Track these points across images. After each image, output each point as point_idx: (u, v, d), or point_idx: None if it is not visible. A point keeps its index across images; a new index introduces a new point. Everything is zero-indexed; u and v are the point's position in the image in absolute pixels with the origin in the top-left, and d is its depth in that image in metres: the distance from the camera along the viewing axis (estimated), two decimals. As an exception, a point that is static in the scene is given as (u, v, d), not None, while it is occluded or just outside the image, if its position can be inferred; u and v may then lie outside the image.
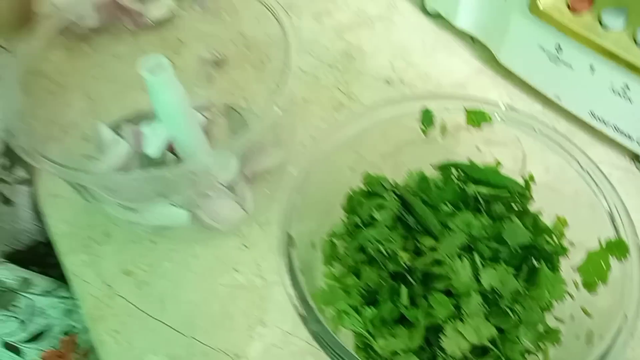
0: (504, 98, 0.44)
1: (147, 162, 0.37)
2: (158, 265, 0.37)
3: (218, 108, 0.45)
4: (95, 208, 0.40)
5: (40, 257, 0.46)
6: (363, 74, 0.46)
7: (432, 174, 0.36)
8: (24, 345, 0.46)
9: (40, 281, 0.41)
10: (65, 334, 0.48)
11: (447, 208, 0.33)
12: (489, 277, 0.29)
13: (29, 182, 0.42)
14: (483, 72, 0.46)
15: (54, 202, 0.40)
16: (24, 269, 0.40)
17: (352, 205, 0.35)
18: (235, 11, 0.46)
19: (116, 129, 0.41)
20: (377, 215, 0.33)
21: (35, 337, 0.46)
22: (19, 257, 0.43)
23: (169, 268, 0.37)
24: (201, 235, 0.38)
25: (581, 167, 0.30)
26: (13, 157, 0.41)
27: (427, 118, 0.33)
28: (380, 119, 0.33)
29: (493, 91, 0.45)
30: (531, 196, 0.33)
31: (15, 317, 0.43)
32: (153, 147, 0.34)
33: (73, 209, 0.40)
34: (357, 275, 0.31)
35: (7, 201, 0.41)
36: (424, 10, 0.50)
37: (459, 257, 0.29)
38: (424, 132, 0.34)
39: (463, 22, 0.45)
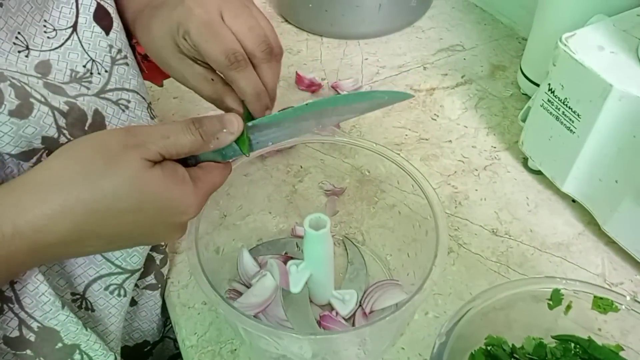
0: (606, 264, 0.47)
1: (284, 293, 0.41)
2: (280, 391, 0.39)
3: (336, 239, 0.50)
4: (224, 323, 0.44)
5: (143, 355, 0.50)
6: (470, 221, 0.50)
7: (550, 342, 0.38)
8: None
9: None
10: None
11: None
12: None
13: (154, 287, 0.46)
14: (585, 234, 0.49)
15: (186, 312, 0.44)
16: None
17: (473, 364, 0.37)
18: (354, 148, 0.52)
19: (253, 254, 0.46)
20: (500, 380, 0.35)
21: None
22: (125, 352, 0.47)
23: (289, 395, 0.39)
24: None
25: None
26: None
27: (556, 298, 0.36)
28: (515, 292, 0.36)
29: (595, 256, 0.48)
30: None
31: None
32: (297, 286, 0.38)
33: (203, 322, 0.44)
34: None
35: (134, 302, 0.45)
36: (526, 165, 0.55)
37: None
38: (550, 307, 0.37)
39: (569, 188, 0.49)
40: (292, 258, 0.44)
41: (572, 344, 0.37)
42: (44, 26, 0.35)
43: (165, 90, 0.66)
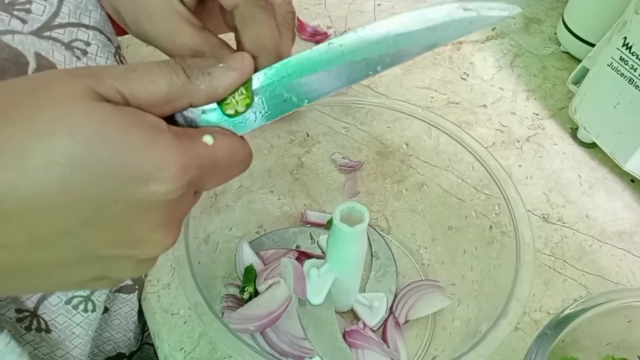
0: (675, 256, 0.40)
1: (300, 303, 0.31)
2: None
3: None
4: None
5: None
6: (516, 204, 0.42)
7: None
8: None
9: None
10: None
11: None
12: None
13: (130, 289, 0.36)
14: (649, 221, 0.41)
15: (169, 321, 0.35)
16: None
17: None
18: (371, 112, 0.42)
19: (255, 248, 0.36)
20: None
21: None
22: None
23: None
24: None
25: None
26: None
27: (661, 314, 0.28)
28: (610, 307, 0.28)
29: (662, 246, 0.40)
30: None
31: None
32: (319, 295, 0.29)
33: (191, 333, 0.34)
34: None
35: (105, 309, 0.35)
36: (575, 136, 0.47)
37: None
38: (648, 325, 0.29)
39: (634, 165, 0.41)
40: (306, 254, 0.35)
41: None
42: None
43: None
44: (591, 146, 0.46)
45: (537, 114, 0.49)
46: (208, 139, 0.20)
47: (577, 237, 0.40)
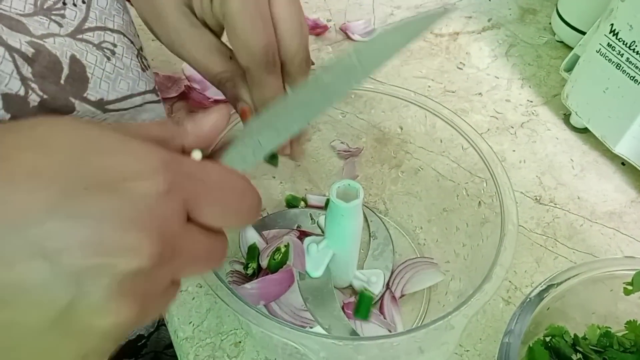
0: (663, 235, 0.41)
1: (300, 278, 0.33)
2: (297, 392, 0.33)
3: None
4: (225, 310, 0.37)
5: (137, 349, 0.42)
6: (502, 181, 0.43)
7: (619, 330, 0.32)
8: None
9: None
10: None
11: None
12: None
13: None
14: (638, 202, 0.43)
15: (179, 296, 0.37)
16: None
17: (532, 358, 0.31)
18: (369, 101, 0.44)
19: (259, 229, 0.38)
20: (564, 379, 0.30)
21: None
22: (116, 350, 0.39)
23: (308, 397, 0.33)
24: None
25: None
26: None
27: (638, 282, 0.30)
28: (592, 275, 0.29)
29: (651, 225, 0.42)
30: None
31: None
32: (318, 269, 0.31)
33: (199, 309, 0.36)
34: None
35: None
36: (567, 122, 0.48)
37: None
38: (627, 292, 0.30)
39: (623, 148, 0.43)
40: (306, 233, 0.37)
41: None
42: None
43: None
44: (583, 131, 0.47)
45: (531, 101, 0.50)
46: (196, 154, 0.20)
47: (568, 217, 0.42)
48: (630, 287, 0.30)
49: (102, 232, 0.16)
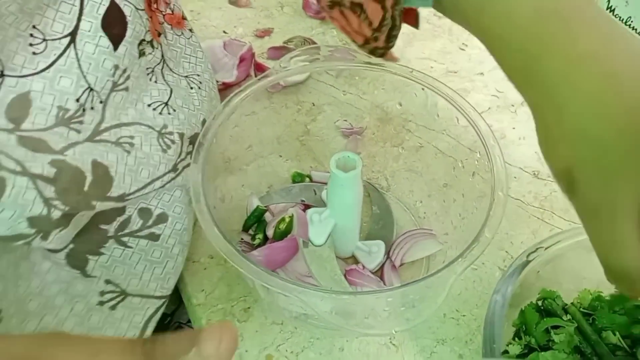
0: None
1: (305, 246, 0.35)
2: (302, 354, 0.35)
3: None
4: (234, 279, 0.39)
5: (162, 327, 0.45)
6: (508, 163, 0.45)
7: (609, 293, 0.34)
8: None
9: None
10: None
11: (613, 337, 0.31)
12: None
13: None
14: (636, 176, 0.44)
15: (191, 267, 0.39)
16: None
17: (524, 321, 0.33)
18: (373, 82, 0.45)
19: (265, 202, 0.40)
20: (555, 337, 0.31)
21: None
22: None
23: (313, 358, 0.35)
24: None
25: None
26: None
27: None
28: (580, 240, 0.31)
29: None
30: None
31: None
32: (321, 237, 0.33)
33: (211, 277, 0.39)
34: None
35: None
36: (568, 100, 0.49)
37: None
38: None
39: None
40: (310, 206, 0.39)
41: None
42: (31, 35, 0.25)
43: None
44: (583, 108, 0.48)
45: (532, 80, 0.51)
46: None
47: (566, 191, 0.43)
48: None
49: None
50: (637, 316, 0.32)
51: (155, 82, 0.32)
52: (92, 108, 0.27)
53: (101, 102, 0.28)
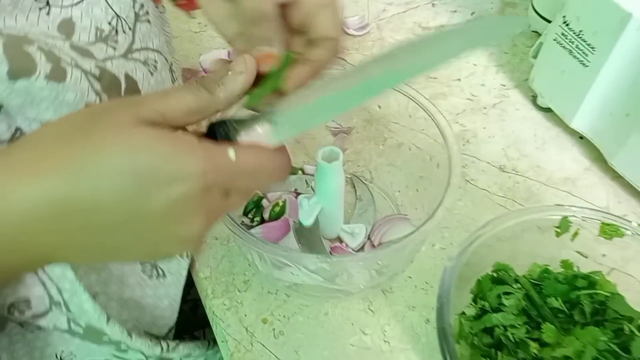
0: (611, 197, 0.48)
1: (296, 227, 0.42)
2: (292, 318, 0.41)
3: (345, 177, 0.50)
4: (236, 256, 0.45)
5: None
6: (478, 158, 0.51)
7: (556, 268, 0.39)
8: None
9: (196, 351, 0.45)
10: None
11: (556, 302, 0.37)
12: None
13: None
14: (591, 170, 0.49)
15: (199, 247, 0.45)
16: (188, 344, 0.44)
17: (480, 289, 0.38)
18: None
19: (264, 191, 0.46)
20: (505, 301, 0.37)
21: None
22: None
23: (302, 321, 0.41)
24: (330, 294, 0.42)
25: None
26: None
27: (565, 225, 0.37)
28: (527, 219, 0.37)
29: (600, 190, 0.48)
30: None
31: None
32: (309, 218, 0.39)
33: (215, 255, 0.45)
34: (490, 358, 0.35)
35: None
36: (535, 103, 0.55)
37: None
38: (557, 234, 0.37)
39: (578, 123, 0.49)
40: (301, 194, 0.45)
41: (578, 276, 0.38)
42: None
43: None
44: (548, 110, 0.54)
45: (504, 85, 0.57)
46: (231, 153, 0.24)
47: (527, 183, 0.48)
48: (559, 230, 0.38)
49: (167, 219, 0.23)
50: (575, 284, 0.37)
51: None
52: (123, 32, 0.33)
53: (130, 28, 0.34)
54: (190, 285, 0.48)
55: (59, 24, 0.31)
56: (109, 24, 0.33)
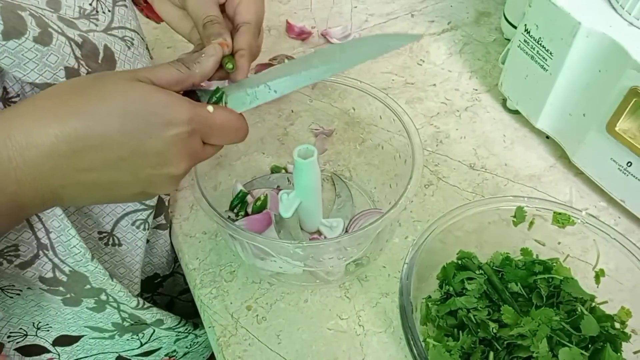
0: (574, 192, 0.51)
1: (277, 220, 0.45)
2: (274, 305, 0.44)
3: (325, 175, 0.54)
4: (223, 250, 0.48)
5: (153, 286, 0.55)
6: (450, 157, 0.54)
7: (517, 256, 0.43)
8: (134, 357, 0.54)
9: (169, 320, 0.49)
10: (167, 355, 0.56)
11: (515, 287, 0.40)
12: (564, 354, 0.36)
13: (164, 226, 0.50)
14: (556, 167, 0.53)
15: (188, 241, 0.49)
16: (161, 311, 0.48)
17: (445, 275, 0.42)
18: (342, 93, 0.55)
19: (247, 188, 0.50)
20: (468, 286, 0.40)
21: (145, 354, 0.54)
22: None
23: (283, 308, 0.44)
24: (310, 283, 0.45)
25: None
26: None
27: (520, 214, 0.40)
28: (484, 209, 0.40)
29: (564, 185, 0.52)
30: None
31: (139, 340, 0.51)
32: (288, 211, 0.42)
33: (204, 248, 0.48)
34: (453, 337, 0.38)
35: (147, 241, 0.49)
36: (505, 106, 0.58)
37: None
38: (515, 224, 0.41)
39: (542, 124, 0.53)
40: (283, 190, 0.48)
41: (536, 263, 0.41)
42: None
43: (159, 40, 0.68)
44: (516, 112, 0.57)
45: (476, 89, 0.61)
46: (210, 108, 0.32)
47: (495, 179, 0.52)
48: (515, 220, 0.41)
49: (161, 157, 0.30)
50: (533, 269, 0.41)
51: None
52: (103, 12, 0.38)
53: (109, 10, 0.39)
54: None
55: (47, 1, 0.35)
56: (90, 5, 0.37)
